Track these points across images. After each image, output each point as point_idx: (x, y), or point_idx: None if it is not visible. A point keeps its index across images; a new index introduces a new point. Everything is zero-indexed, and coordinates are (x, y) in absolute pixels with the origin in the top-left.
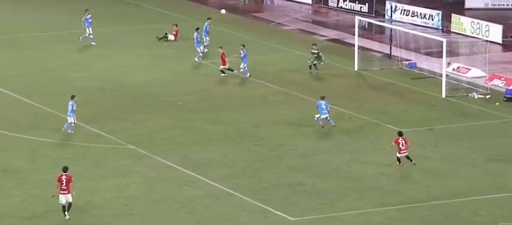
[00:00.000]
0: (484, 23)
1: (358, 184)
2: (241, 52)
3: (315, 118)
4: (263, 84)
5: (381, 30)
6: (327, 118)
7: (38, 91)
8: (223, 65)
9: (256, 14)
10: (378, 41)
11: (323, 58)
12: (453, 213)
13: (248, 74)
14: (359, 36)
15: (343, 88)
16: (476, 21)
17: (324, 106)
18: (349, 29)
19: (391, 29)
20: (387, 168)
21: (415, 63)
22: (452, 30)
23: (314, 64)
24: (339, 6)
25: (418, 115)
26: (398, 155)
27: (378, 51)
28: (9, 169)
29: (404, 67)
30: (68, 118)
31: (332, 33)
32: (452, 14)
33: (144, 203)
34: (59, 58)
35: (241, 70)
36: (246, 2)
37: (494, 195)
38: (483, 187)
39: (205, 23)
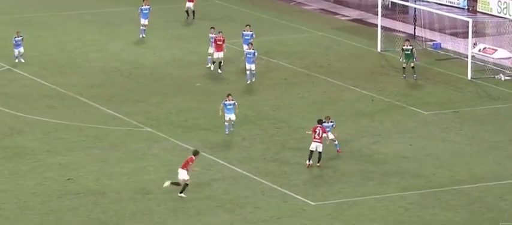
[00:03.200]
0: None
1: (380, 168)
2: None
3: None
4: (283, 65)
5: (405, 9)
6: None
7: (54, 72)
8: (218, 51)
9: None
10: (402, 21)
11: (415, 55)
12: (477, 198)
13: (248, 81)
14: (382, 16)
15: (366, 70)
16: (503, 0)
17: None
18: (372, 8)
19: (415, 8)
20: (410, 151)
21: (440, 44)
22: (478, 9)
23: (411, 67)
24: None
25: (443, 97)
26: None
27: (401, 32)
28: (25, 151)
29: (428, 48)
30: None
31: (354, 13)
32: None
33: (161, 187)
34: (75, 38)
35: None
36: None
37: None
38: (509, 172)
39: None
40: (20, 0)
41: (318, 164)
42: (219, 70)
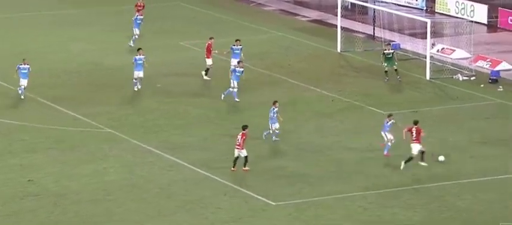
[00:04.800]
0: (469, 3)
1: (340, 168)
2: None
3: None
4: (244, 66)
5: (364, 10)
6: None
7: (13, 73)
8: (208, 58)
9: None
10: (361, 22)
11: (396, 61)
12: (437, 197)
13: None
14: (342, 17)
15: (326, 71)
16: (460, 1)
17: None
18: (331, 9)
19: (374, 9)
20: (370, 151)
21: (399, 45)
22: (436, 10)
23: (394, 70)
24: None
25: (402, 97)
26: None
27: (361, 32)
28: None
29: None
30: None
31: (314, 14)
32: None
33: (122, 188)
34: (35, 40)
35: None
36: None
37: (477, 179)
38: (467, 171)
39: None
40: None
41: (245, 168)
42: (207, 77)
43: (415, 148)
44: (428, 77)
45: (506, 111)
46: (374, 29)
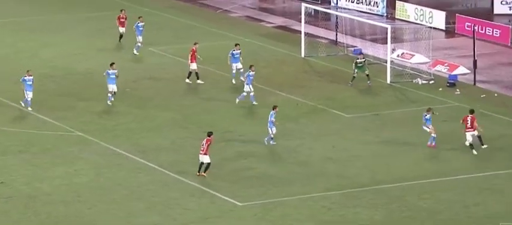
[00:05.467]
0: (428, 9)
1: (305, 169)
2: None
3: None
4: (211, 71)
5: (327, 17)
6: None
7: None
8: (192, 62)
9: (203, 1)
10: (324, 28)
11: (367, 67)
12: (397, 197)
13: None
14: (305, 23)
15: (290, 75)
16: (420, 7)
17: (424, 120)
18: (295, 15)
19: (336, 15)
20: (333, 153)
21: (361, 50)
22: (396, 16)
23: (366, 75)
24: None
25: (364, 100)
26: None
27: (324, 38)
28: None
29: (350, 54)
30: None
31: (279, 20)
32: (397, 1)
33: (92, 190)
34: (7, 45)
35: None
36: None
37: (437, 179)
38: (426, 171)
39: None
40: None
41: (204, 174)
42: (188, 80)
43: (470, 135)
44: (389, 81)
45: (464, 114)
46: (336, 34)
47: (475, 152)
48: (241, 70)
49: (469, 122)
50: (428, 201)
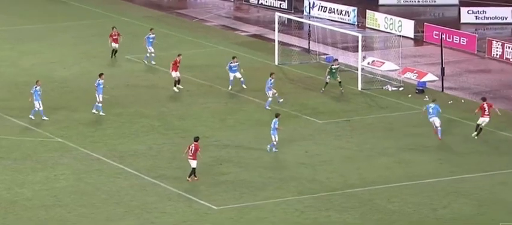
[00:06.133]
0: (397, 18)
1: (278, 174)
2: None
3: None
4: (188, 78)
5: (300, 25)
6: (440, 125)
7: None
8: (173, 71)
9: (179, 11)
10: (297, 36)
11: (338, 74)
12: (368, 200)
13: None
14: (279, 31)
15: (264, 82)
16: (389, 17)
17: (431, 110)
18: (269, 24)
19: (309, 24)
20: (306, 158)
21: (332, 57)
22: (367, 25)
23: (338, 82)
24: (260, 2)
25: (336, 107)
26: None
27: (297, 46)
28: None
29: (322, 62)
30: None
31: (253, 29)
32: (367, 10)
33: (72, 195)
34: None
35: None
36: None
37: (406, 183)
38: (396, 175)
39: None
40: None
41: (195, 178)
42: (175, 88)
43: (482, 120)
44: (359, 88)
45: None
46: (309, 43)
47: (475, 134)
48: (242, 79)
49: (486, 108)
50: (398, 204)
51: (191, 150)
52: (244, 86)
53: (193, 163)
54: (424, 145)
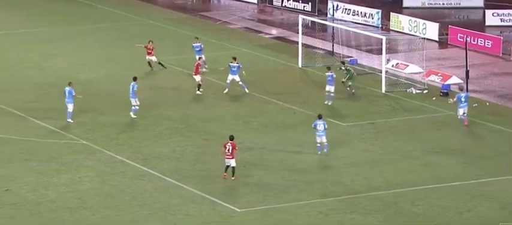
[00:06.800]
0: (421, 21)
1: (302, 176)
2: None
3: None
4: (211, 81)
5: (324, 28)
6: (464, 113)
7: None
8: (196, 74)
9: (203, 13)
10: (321, 39)
11: (352, 74)
12: (392, 203)
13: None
14: (302, 34)
15: (288, 85)
16: (413, 19)
17: (463, 99)
18: (293, 27)
19: (333, 27)
20: (330, 161)
21: (356, 60)
22: (391, 28)
23: (343, 82)
24: (283, 5)
25: (359, 109)
26: None
27: (320, 49)
28: None
29: (346, 64)
30: (68, 105)
31: (276, 31)
32: (391, 13)
33: (96, 197)
34: (13, 56)
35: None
36: (194, 1)
37: (430, 186)
38: (421, 178)
39: (197, 43)
40: None
41: (232, 178)
42: (198, 92)
43: None
44: (383, 90)
45: (456, 122)
46: (333, 45)
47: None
48: (240, 82)
49: None
50: (422, 207)
51: (228, 150)
52: (246, 90)
53: (232, 162)
54: (448, 148)
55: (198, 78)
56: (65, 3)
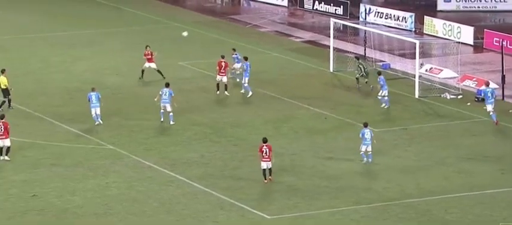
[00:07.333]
0: (456, 24)
1: (333, 183)
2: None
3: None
4: (241, 85)
5: (356, 32)
6: (492, 109)
7: (18, 93)
8: (221, 75)
9: (233, 16)
10: (353, 43)
11: (362, 72)
12: (425, 211)
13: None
14: (334, 37)
15: (319, 89)
16: (448, 23)
17: (489, 95)
18: (324, 30)
19: (365, 30)
20: (362, 167)
21: (389, 64)
22: (425, 32)
23: (357, 78)
24: (315, 8)
25: (392, 115)
26: None
27: (352, 53)
28: None
29: (378, 69)
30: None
31: (307, 35)
32: (425, 16)
33: (123, 203)
34: (40, 60)
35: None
36: (223, 4)
37: (465, 194)
38: (454, 186)
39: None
40: None
41: (270, 177)
42: (227, 93)
43: None
44: (417, 96)
45: (492, 128)
46: (365, 49)
47: None
48: (237, 72)
49: None
50: (456, 215)
51: (265, 152)
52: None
53: (269, 164)
54: (484, 155)
55: (223, 78)
56: (91, 6)
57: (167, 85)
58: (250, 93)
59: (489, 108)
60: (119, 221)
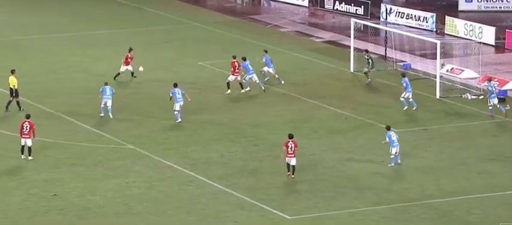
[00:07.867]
0: (477, 25)
1: (354, 183)
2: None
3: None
4: (264, 88)
5: (376, 32)
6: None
7: (39, 92)
8: (234, 75)
9: (253, 16)
10: (373, 43)
11: (370, 65)
12: (447, 212)
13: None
14: (355, 38)
15: (339, 89)
16: (469, 23)
17: (492, 89)
18: (345, 30)
19: (386, 30)
20: (382, 167)
21: (410, 65)
22: (446, 32)
23: (366, 73)
24: (335, 8)
25: (413, 115)
26: None
27: (373, 53)
28: (11, 168)
29: (399, 69)
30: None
31: (328, 35)
32: (446, 16)
33: (144, 202)
34: (60, 60)
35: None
36: (244, 4)
37: (486, 194)
38: (476, 186)
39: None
40: (6, 24)
41: (292, 176)
42: (243, 91)
43: None
44: (438, 96)
45: None
46: (386, 49)
47: None
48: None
49: None
50: (478, 216)
51: (291, 148)
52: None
53: (293, 160)
54: (505, 155)
55: (238, 78)
56: (112, 6)
57: (175, 85)
58: (247, 89)
59: (494, 101)
60: (140, 220)
